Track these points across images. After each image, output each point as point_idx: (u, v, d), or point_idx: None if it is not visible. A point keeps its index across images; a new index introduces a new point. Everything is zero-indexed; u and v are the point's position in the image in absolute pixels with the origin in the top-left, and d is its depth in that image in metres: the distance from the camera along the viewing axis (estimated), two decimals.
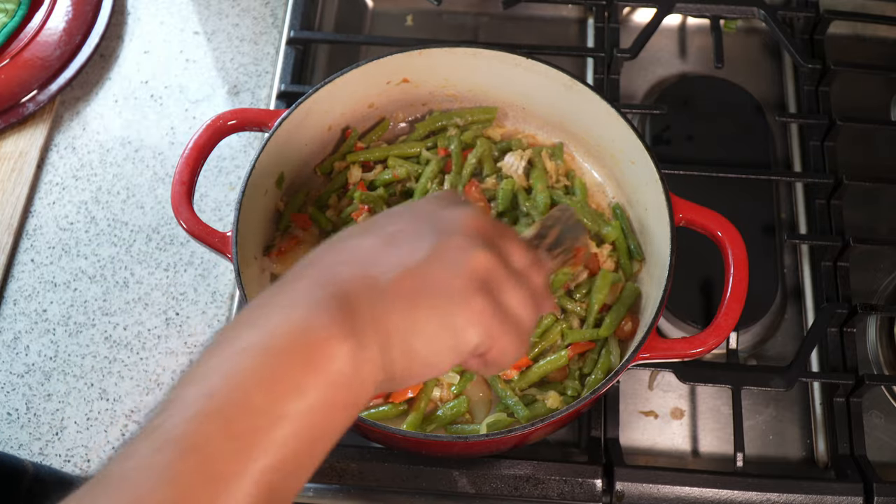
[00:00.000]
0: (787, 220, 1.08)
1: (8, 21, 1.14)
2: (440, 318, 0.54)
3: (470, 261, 0.55)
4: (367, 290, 0.53)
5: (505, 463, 0.88)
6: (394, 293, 0.53)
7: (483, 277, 0.55)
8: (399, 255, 0.55)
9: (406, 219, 0.59)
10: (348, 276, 0.54)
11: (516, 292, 0.57)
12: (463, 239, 0.56)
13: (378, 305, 0.53)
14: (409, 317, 0.53)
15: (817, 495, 0.86)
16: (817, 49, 1.15)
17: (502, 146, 1.00)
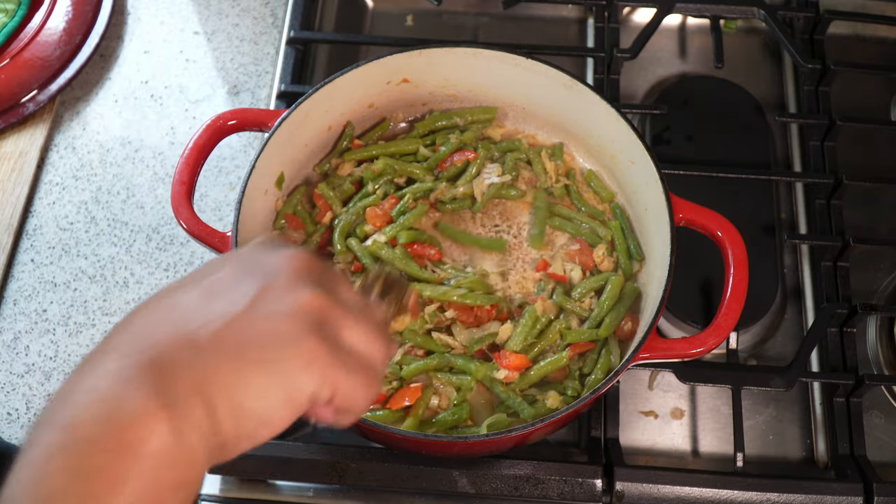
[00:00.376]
0: (787, 220, 1.08)
1: (8, 21, 1.14)
2: (269, 367, 0.49)
3: (296, 301, 0.51)
4: (184, 351, 0.48)
5: (505, 463, 0.88)
6: (215, 349, 0.48)
7: (313, 317, 0.51)
8: (219, 306, 0.50)
9: (226, 267, 0.53)
10: (162, 337, 0.48)
11: (355, 327, 0.53)
12: (286, 280, 0.51)
13: (198, 365, 0.47)
14: (235, 372, 0.48)
15: (817, 495, 0.86)
16: (817, 49, 1.15)
17: (503, 146, 1.00)
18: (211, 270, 0.54)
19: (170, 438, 0.45)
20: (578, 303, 0.91)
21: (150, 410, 0.45)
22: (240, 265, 0.53)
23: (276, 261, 0.53)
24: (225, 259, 0.55)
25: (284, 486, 0.90)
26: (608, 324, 0.89)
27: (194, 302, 0.51)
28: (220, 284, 0.52)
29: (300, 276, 0.52)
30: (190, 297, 0.51)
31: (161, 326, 0.49)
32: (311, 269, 0.53)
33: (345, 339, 0.52)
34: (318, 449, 0.88)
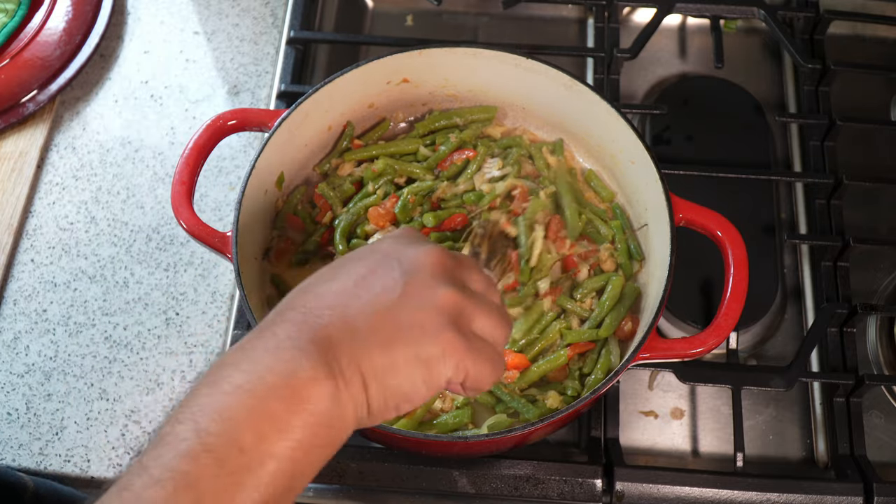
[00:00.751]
0: (787, 220, 1.08)
1: (8, 21, 1.14)
2: (414, 354, 0.57)
3: (436, 297, 0.59)
4: (345, 333, 0.56)
5: (505, 463, 0.88)
6: (370, 334, 0.57)
7: (450, 311, 0.59)
8: (371, 297, 0.59)
9: (372, 260, 0.62)
10: (327, 320, 0.57)
11: (483, 317, 0.61)
12: (427, 277, 0.60)
13: (356, 347, 0.56)
14: (386, 355, 0.56)
15: (817, 495, 0.86)
16: (817, 49, 1.15)
17: (503, 143, 1.00)
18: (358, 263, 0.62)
19: (332, 404, 0.54)
20: (580, 303, 0.91)
21: (319, 379, 0.54)
22: (384, 260, 0.61)
23: (415, 257, 0.61)
24: (369, 252, 0.63)
25: None
26: (608, 324, 0.89)
27: (350, 291, 0.59)
28: (371, 277, 0.60)
29: (437, 272, 0.60)
30: (345, 287, 0.59)
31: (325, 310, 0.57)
32: (445, 264, 0.61)
33: (475, 328, 0.60)
34: None
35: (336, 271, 0.62)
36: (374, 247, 0.64)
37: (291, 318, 0.57)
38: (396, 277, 0.60)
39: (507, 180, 0.96)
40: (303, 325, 0.56)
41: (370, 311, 0.58)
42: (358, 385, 0.56)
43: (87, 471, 0.93)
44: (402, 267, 0.60)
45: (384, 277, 0.60)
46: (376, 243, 0.65)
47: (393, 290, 0.59)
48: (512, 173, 0.97)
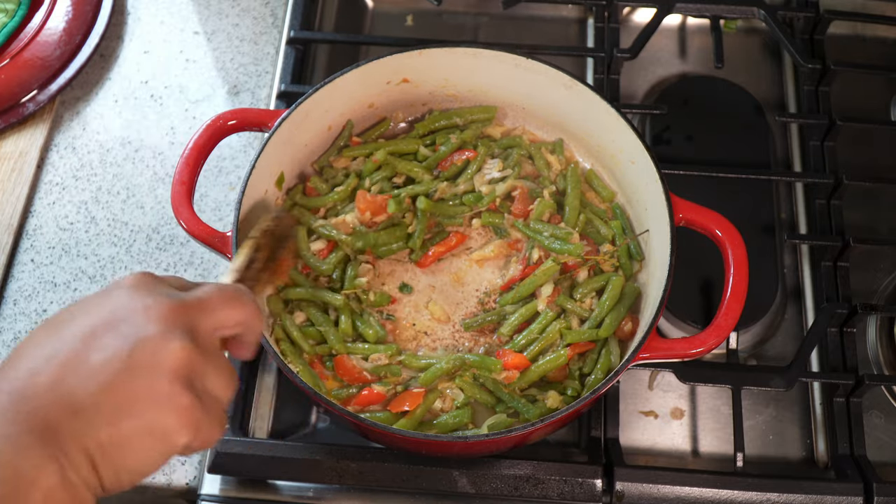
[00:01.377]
0: (787, 220, 1.08)
1: (8, 21, 1.14)
2: (146, 428, 0.53)
3: (168, 359, 0.55)
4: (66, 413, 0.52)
5: (505, 463, 0.88)
6: (94, 411, 0.52)
7: (184, 373, 0.55)
8: (94, 366, 0.53)
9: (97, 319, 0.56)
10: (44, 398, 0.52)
11: (215, 376, 0.58)
12: (158, 335, 0.55)
13: (80, 427, 0.52)
14: (114, 433, 0.53)
15: (817, 495, 0.86)
16: (817, 49, 1.15)
17: (503, 143, 1.00)
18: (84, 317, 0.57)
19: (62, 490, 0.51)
20: (579, 303, 0.91)
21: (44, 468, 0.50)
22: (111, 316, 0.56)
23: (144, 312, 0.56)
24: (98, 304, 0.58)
25: (284, 486, 0.90)
26: (608, 324, 0.89)
27: (73, 353, 0.54)
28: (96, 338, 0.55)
29: (171, 327, 0.56)
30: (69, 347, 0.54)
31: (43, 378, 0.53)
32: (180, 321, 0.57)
33: (207, 386, 0.57)
34: (318, 449, 0.88)
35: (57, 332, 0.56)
36: (103, 299, 0.58)
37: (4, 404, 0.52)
38: (122, 340, 0.54)
39: (508, 182, 0.96)
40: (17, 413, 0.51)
41: (94, 383, 0.53)
42: (86, 467, 0.52)
43: None
44: (130, 327, 0.55)
45: (109, 341, 0.54)
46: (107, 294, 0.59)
47: (119, 357, 0.53)
48: (513, 175, 0.97)
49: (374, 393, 0.87)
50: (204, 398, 0.56)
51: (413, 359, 0.89)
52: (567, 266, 0.93)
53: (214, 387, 0.58)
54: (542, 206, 0.94)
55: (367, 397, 0.87)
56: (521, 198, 0.96)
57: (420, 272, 0.95)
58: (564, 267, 0.93)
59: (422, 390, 0.87)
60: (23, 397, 0.52)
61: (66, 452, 0.51)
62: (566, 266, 0.93)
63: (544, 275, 0.91)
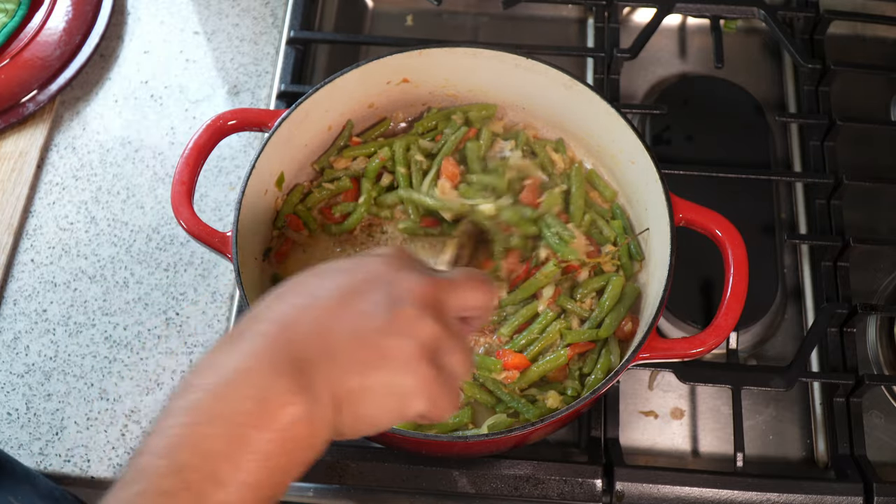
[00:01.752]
0: (787, 220, 1.08)
1: (8, 21, 1.14)
2: (390, 386, 0.57)
3: (420, 331, 0.58)
4: (322, 354, 0.55)
5: (505, 463, 0.88)
6: (348, 359, 0.56)
7: (430, 346, 0.58)
8: (353, 318, 0.57)
9: (359, 278, 0.60)
10: (304, 336, 0.56)
11: (456, 354, 0.61)
12: (414, 308, 0.58)
13: (333, 369, 0.55)
14: (362, 383, 0.56)
15: (817, 495, 0.86)
16: (817, 49, 1.15)
17: (507, 136, 1.00)
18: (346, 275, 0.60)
19: (305, 425, 0.54)
20: (580, 303, 0.91)
21: (295, 401, 0.53)
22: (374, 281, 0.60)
23: (405, 283, 0.60)
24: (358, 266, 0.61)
25: None
26: (609, 324, 0.89)
27: (332, 307, 0.58)
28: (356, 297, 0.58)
29: (424, 304, 0.59)
30: (328, 301, 0.58)
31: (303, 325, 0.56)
32: (433, 296, 0.60)
33: (447, 363, 0.60)
34: None
35: (320, 281, 0.60)
36: (362, 262, 0.62)
37: (266, 332, 0.56)
38: (382, 302, 0.58)
39: (518, 153, 0.97)
40: (278, 342, 0.55)
41: (351, 333, 0.57)
42: (330, 407, 0.55)
43: (87, 471, 0.93)
44: (390, 292, 0.59)
45: (370, 300, 0.58)
46: (365, 259, 0.63)
47: (377, 316, 0.57)
48: (535, 162, 0.97)
49: None
50: (443, 373, 0.59)
51: None
52: (569, 266, 0.93)
53: (454, 364, 0.60)
54: (552, 199, 0.94)
55: None
56: (533, 188, 0.95)
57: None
58: (567, 267, 0.93)
59: None
60: (287, 328, 0.56)
61: (317, 390, 0.54)
62: (568, 266, 0.93)
63: (545, 277, 0.91)
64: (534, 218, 0.93)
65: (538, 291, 0.91)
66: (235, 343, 0.56)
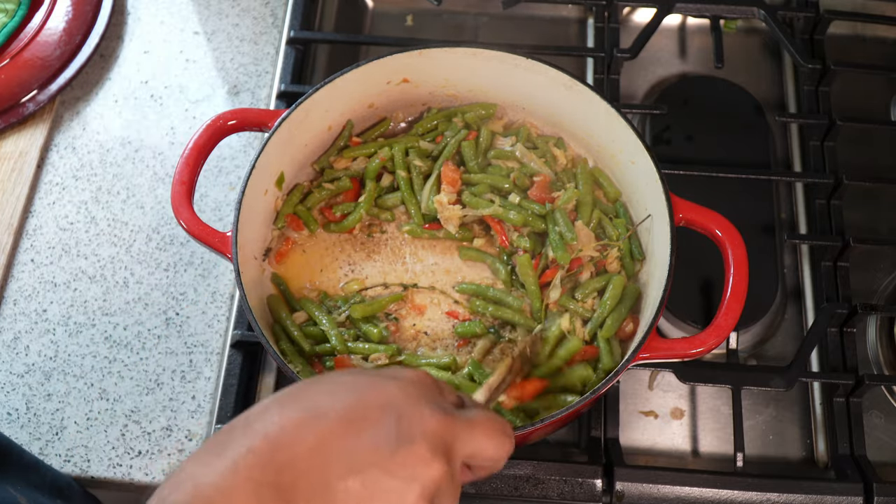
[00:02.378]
0: (787, 220, 1.08)
1: (8, 21, 1.14)
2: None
3: (426, 474, 0.54)
4: (313, 487, 0.51)
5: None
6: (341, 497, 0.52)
7: (433, 491, 0.54)
8: (357, 451, 0.53)
9: (373, 400, 0.55)
10: (297, 461, 0.51)
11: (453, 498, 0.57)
12: (425, 450, 0.54)
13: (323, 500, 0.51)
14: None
15: (817, 495, 0.86)
16: (817, 49, 1.15)
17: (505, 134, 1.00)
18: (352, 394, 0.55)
19: None
20: (581, 303, 0.91)
21: None
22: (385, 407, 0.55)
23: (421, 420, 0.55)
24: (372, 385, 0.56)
25: None
26: (610, 324, 0.88)
27: (338, 426, 0.53)
28: (362, 424, 0.53)
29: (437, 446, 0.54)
30: (335, 417, 0.53)
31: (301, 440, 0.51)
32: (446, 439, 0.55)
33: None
34: None
35: (327, 394, 0.55)
36: (377, 383, 0.57)
37: (256, 450, 0.51)
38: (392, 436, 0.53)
39: (520, 146, 0.97)
40: (269, 463, 0.51)
41: (351, 465, 0.52)
42: None
43: (87, 471, 0.93)
44: (401, 426, 0.54)
45: (379, 431, 0.53)
46: (381, 379, 0.58)
47: (384, 450, 0.53)
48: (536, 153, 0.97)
49: None
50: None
51: (413, 358, 0.89)
52: (572, 265, 0.93)
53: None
54: (570, 195, 0.94)
55: None
56: (542, 185, 0.95)
57: (419, 271, 0.95)
58: (571, 265, 0.92)
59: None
60: (280, 449, 0.51)
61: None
62: (571, 265, 0.93)
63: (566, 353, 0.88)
64: (543, 214, 0.94)
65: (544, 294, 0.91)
66: (219, 455, 0.51)
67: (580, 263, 0.92)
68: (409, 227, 0.96)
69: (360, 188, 0.99)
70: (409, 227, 0.96)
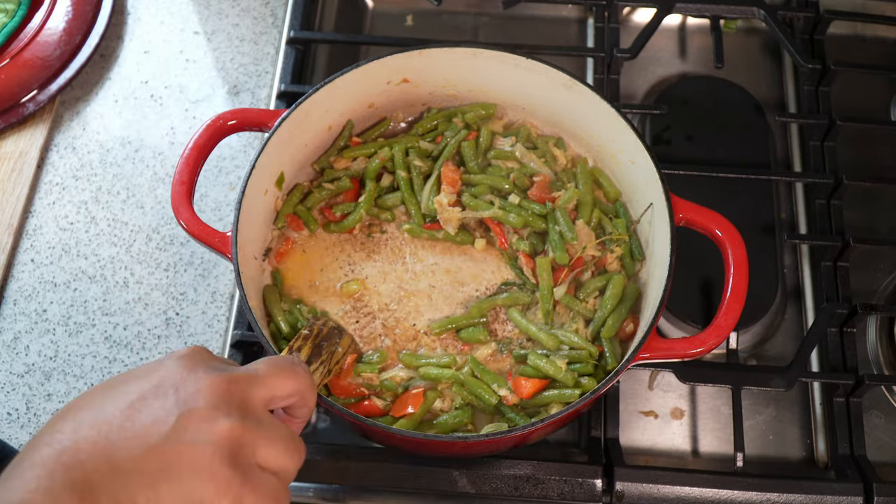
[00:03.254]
0: (787, 220, 1.08)
1: (8, 21, 1.14)
2: (183, 495, 0.54)
3: (214, 432, 0.55)
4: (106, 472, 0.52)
5: (505, 463, 0.88)
6: (134, 473, 0.53)
7: (229, 445, 0.55)
8: (138, 429, 0.54)
9: (146, 386, 0.57)
10: (85, 456, 0.53)
11: (268, 448, 0.58)
12: (206, 409, 0.56)
13: (118, 487, 0.52)
14: (153, 497, 0.53)
15: (817, 495, 0.86)
16: (817, 49, 1.15)
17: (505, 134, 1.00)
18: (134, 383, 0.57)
19: None
20: (584, 303, 0.91)
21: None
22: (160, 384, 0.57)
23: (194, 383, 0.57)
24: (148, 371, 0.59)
25: None
26: (611, 325, 0.88)
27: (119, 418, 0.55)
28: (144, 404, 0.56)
29: (217, 402, 0.56)
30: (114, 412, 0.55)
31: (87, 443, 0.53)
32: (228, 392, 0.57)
33: (259, 460, 0.57)
34: (318, 449, 0.88)
35: (107, 394, 0.57)
36: (154, 367, 0.59)
37: (45, 460, 0.52)
38: (170, 408, 0.55)
39: (520, 146, 0.97)
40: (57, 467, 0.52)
41: (136, 445, 0.54)
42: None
43: None
44: (179, 396, 0.56)
45: (156, 407, 0.55)
46: (159, 363, 0.60)
47: (164, 423, 0.55)
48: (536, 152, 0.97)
49: (374, 406, 0.86)
50: (251, 473, 0.56)
51: (413, 358, 0.89)
52: (574, 265, 0.93)
53: (268, 460, 0.58)
54: (571, 195, 0.94)
55: (368, 408, 0.86)
56: (542, 185, 0.95)
57: (419, 271, 0.95)
58: (574, 264, 0.92)
59: (420, 390, 0.87)
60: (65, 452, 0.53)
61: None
62: (574, 264, 0.93)
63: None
64: (543, 214, 0.94)
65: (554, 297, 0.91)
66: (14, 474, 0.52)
67: (582, 263, 0.92)
68: (408, 227, 0.96)
69: (360, 188, 0.99)
70: (408, 226, 0.96)
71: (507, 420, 0.85)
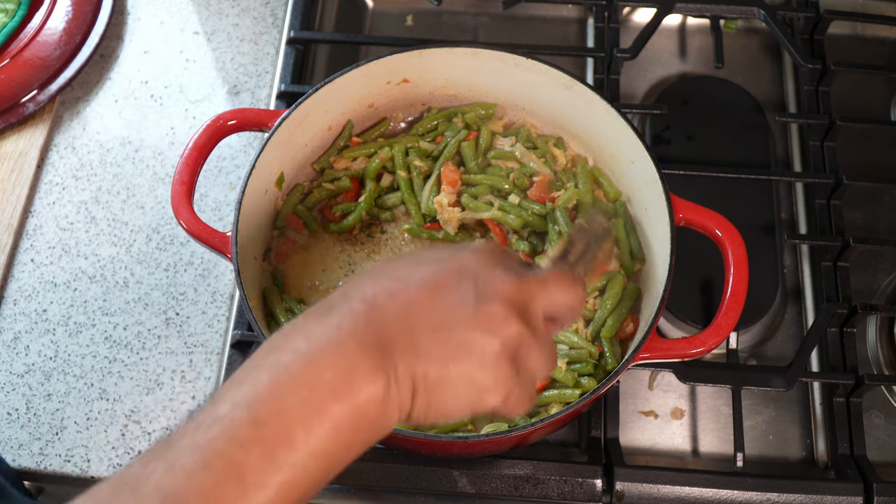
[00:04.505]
0: (787, 220, 1.08)
1: (8, 21, 1.14)
2: (468, 379, 0.58)
3: (504, 330, 0.59)
4: (408, 340, 0.57)
5: (505, 463, 0.88)
6: (432, 346, 0.57)
7: (512, 345, 0.59)
8: (441, 309, 0.59)
9: (449, 271, 0.61)
10: (391, 320, 0.57)
11: (538, 356, 0.61)
12: (501, 306, 0.59)
13: (416, 355, 0.57)
14: (441, 373, 0.57)
15: (817, 495, 0.86)
16: (817, 49, 1.15)
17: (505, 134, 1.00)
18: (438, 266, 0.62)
19: (380, 405, 0.55)
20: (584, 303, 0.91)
21: (375, 379, 0.55)
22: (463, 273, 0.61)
23: (493, 281, 0.61)
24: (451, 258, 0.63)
25: None
26: (611, 325, 0.89)
27: (421, 297, 0.59)
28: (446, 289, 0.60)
29: (511, 304, 0.60)
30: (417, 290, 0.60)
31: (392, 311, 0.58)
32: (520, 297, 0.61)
33: (529, 363, 0.61)
34: None
35: (412, 268, 0.62)
36: (455, 255, 0.63)
37: (356, 311, 0.57)
38: (470, 297, 0.59)
39: (520, 146, 0.96)
40: (367, 321, 0.57)
41: (436, 323, 0.58)
42: (407, 391, 0.57)
43: (87, 471, 0.93)
44: (478, 288, 0.60)
45: (458, 293, 0.60)
46: (458, 252, 0.64)
47: (463, 310, 0.59)
48: (537, 153, 0.97)
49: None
50: (521, 373, 0.60)
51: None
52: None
53: (533, 365, 0.61)
54: (571, 194, 0.94)
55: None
56: (541, 185, 0.95)
57: None
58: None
59: None
60: (375, 310, 0.58)
61: (397, 374, 0.56)
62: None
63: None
64: (543, 214, 0.94)
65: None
66: (326, 316, 0.57)
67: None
68: (408, 227, 0.96)
69: (360, 188, 0.99)
70: (408, 226, 0.96)
71: (507, 420, 0.86)
